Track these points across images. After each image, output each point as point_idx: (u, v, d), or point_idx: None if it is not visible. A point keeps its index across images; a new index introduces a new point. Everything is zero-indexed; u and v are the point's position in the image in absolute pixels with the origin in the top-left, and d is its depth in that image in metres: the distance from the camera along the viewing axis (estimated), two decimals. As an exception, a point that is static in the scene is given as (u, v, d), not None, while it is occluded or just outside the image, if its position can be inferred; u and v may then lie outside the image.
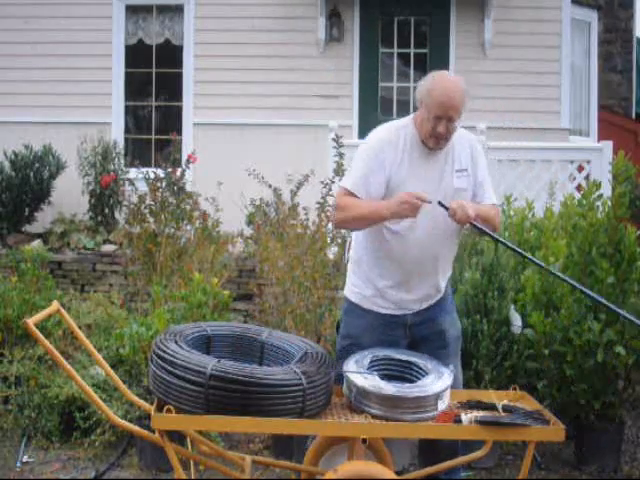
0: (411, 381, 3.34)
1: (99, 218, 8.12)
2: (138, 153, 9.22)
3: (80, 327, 4.82)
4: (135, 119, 9.54)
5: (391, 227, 3.44)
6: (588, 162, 7.81)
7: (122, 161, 8.42)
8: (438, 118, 3.35)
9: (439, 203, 3.36)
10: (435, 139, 3.40)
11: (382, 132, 3.52)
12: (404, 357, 3.45)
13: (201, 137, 9.00)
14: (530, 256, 3.73)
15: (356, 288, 3.62)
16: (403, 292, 3.53)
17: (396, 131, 3.49)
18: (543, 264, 3.72)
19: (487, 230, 3.47)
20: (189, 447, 3.70)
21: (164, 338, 3.25)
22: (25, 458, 4.71)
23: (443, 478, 3.60)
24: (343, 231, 6.20)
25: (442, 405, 3.21)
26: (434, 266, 3.53)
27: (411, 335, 3.58)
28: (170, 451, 3.14)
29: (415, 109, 3.55)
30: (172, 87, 9.30)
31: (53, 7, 9.15)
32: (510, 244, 3.76)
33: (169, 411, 3.04)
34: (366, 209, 3.38)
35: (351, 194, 3.42)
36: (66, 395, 4.81)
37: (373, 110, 9.15)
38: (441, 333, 3.59)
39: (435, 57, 9.17)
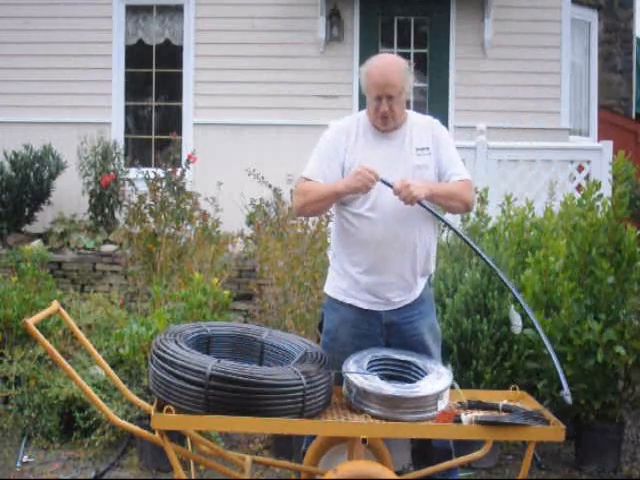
0: (410, 381, 3.34)
1: (99, 218, 8.13)
2: (138, 153, 9.22)
3: (80, 327, 4.82)
4: (135, 119, 9.54)
5: (353, 210, 3.49)
6: (588, 162, 7.81)
7: (122, 161, 8.43)
8: (378, 98, 3.45)
9: (382, 181, 3.37)
10: (381, 119, 3.49)
11: (336, 123, 3.68)
12: (403, 357, 3.45)
13: (201, 137, 9.00)
14: (475, 246, 3.69)
15: (332, 282, 3.65)
16: (375, 275, 3.50)
17: (349, 120, 3.65)
18: (484, 256, 3.66)
19: (434, 211, 3.47)
20: (189, 447, 3.70)
21: (164, 338, 3.25)
22: (25, 458, 4.71)
23: (439, 478, 3.59)
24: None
25: (442, 405, 3.21)
26: (403, 248, 3.48)
27: (388, 336, 3.56)
28: (170, 451, 3.14)
29: (416, 109, 3.59)
30: (172, 87, 9.30)
31: (53, 7, 9.14)
32: (459, 231, 3.76)
33: (169, 411, 3.04)
34: (323, 188, 3.47)
35: (309, 181, 3.51)
36: (66, 395, 4.81)
37: (373, 110, 9.15)
38: (419, 337, 3.56)
39: (435, 57, 9.17)
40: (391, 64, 3.48)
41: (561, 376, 3.28)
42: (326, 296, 3.70)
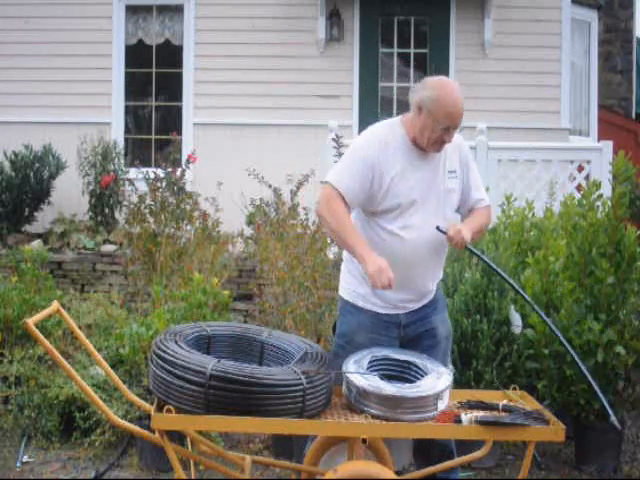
0: (410, 381, 3.33)
1: (99, 218, 8.13)
2: (138, 153, 9.23)
3: (80, 327, 4.82)
4: (135, 119, 9.54)
5: (385, 225, 3.45)
6: (588, 162, 7.81)
7: (122, 161, 8.43)
8: (447, 128, 3.36)
9: (437, 228, 3.42)
10: (438, 146, 3.42)
11: (372, 133, 3.52)
12: (403, 357, 3.45)
13: (201, 137, 9.00)
14: (510, 280, 3.76)
15: (350, 286, 3.62)
16: (397, 292, 3.50)
17: (387, 132, 3.49)
18: (521, 291, 3.78)
19: (479, 254, 3.58)
20: (189, 447, 3.70)
21: (164, 338, 3.25)
22: (25, 458, 4.71)
23: (440, 477, 3.59)
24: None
25: (442, 405, 3.21)
26: (427, 266, 3.53)
27: (404, 334, 3.58)
28: (170, 451, 3.14)
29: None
30: (172, 87, 9.30)
31: (53, 7, 9.15)
32: (495, 266, 3.80)
33: (169, 411, 3.04)
34: (348, 233, 3.36)
35: (336, 190, 3.40)
36: (66, 395, 4.81)
37: (373, 110, 9.15)
38: (432, 331, 3.59)
39: (435, 57, 9.17)
40: (460, 94, 3.38)
41: (605, 404, 3.30)
42: (341, 299, 3.67)
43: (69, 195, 8.47)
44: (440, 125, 3.34)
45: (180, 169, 6.96)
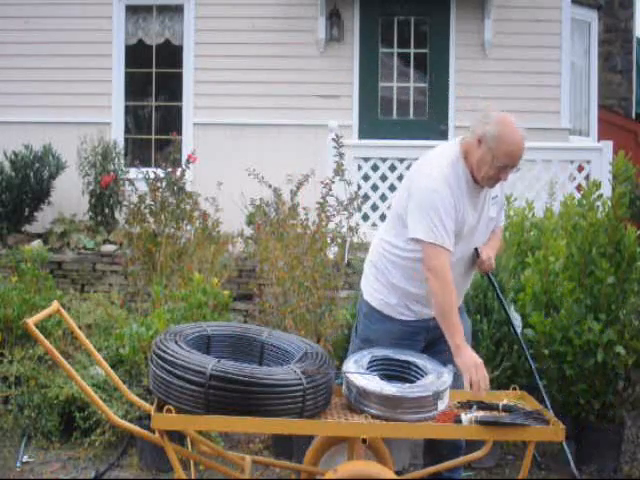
0: (410, 381, 3.34)
1: (99, 218, 8.12)
2: (138, 153, 9.23)
3: (80, 327, 4.82)
4: (135, 119, 9.54)
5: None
6: (588, 162, 7.81)
7: (122, 161, 8.43)
8: (504, 167, 3.35)
9: (475, 250, 3.52)
10: (493, 182, 3.42)
11: (442, 174, 3.37)
12: (403, 357, 3.45)
13: (201, 137, 9.00)
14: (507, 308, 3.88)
15: (379, 294, 3.59)
16: (429, 310, 3.53)
17: (453, 170, 3.40)
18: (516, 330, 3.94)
19: (496, 285, 3.76)
20: (189, 447, 3.70)
21: (164, 338, 3.25)
22: (25, 458, 4.71)
23: (446, 477, 3.60)
24: (343, 231, 6.21)
25: (442, 405, 3.21)
26: (461, 289, 3.58)
27: (431, 337, 3.61)
28: (170, 451, 3.14)
29: (416, 109, 3.55)
30: (172, 87, 9.30)
31: (53, 7, 9.15)
32: (502, 297, 3.94)
33: (169, 411, 3.04)
34: (453, 317, 3.31)
35: (443, 248, 3.31)
36: (66, 395, 4.81)
37: (373, 110, 9.16)
38: None
39: (435, 57, 9.17)
40: (524, 136, 3.38)
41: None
42: (368, 305, 3.63)
43: (69, 195, 8.47)
44: (498, 162, 3.32)
45: (180, 169, 6.95)
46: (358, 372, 3.25)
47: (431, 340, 3.61)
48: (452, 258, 3.44)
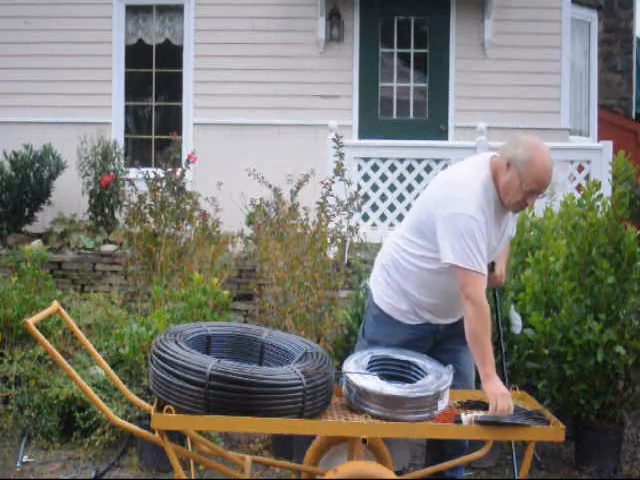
0: (410, 381, 3.34)
1: (99, 218, 8.12)
2: (138, 153, 9.22)
3: (80, 327, 4.81)
4: (135, 119, 9.54)
5: (447, 268, 3.39)
6: (588, 162, 7.81)
7: (122, 161, 8.42)
8: (531, 192, 3.34)
9: (492, 263, 3.58)
10: (519, 208, 3.44)
11: (480, 202, 3.35)
12: (403, 357, 3.45)
13: (201, 137, 9.00)
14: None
15: (389, 299, 3.59)
16: (440, 318, 3.56)
17: (485, 195, 3.38)
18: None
19: (498, 301, 3.89)
20: (189, 447, 3.70)
21: (164, 338, 3.25)
22: (25, 458, 4.71)
23: (447, 476, 3.61)
24: (343, 231, 6.21)
25: (442, 405, 3.21)
26: None
27: (440, 337, 3.62)
28: (170, 451, 3.15)
29: (416, 109, 3.55)
30: (172, 87, 9.30)
31: (53, 7, 9.15)
32: (500, 314, 4.04)
33: (169, 411, 3.04)
34: (487, 348, 3.30)
35: (480, 274, 3.31)
36: (66, 395, 4.81)
37: (373, 110, 9.16)
38: (464, 329, 3.61)
39: (435, 57, 9.17)
40: (552, 164, 3.36)
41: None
42: (377, 308, 3.63)
43: (69, 195, 8.46)
44: (526, 187, 3.32)
45: (180, 169, 6.95)
46: (358, 372, 3.25)
47: (439, 340, 3.62)
48: None
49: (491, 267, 3.57)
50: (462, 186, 3.38)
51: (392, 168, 7.84)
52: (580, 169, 7.86)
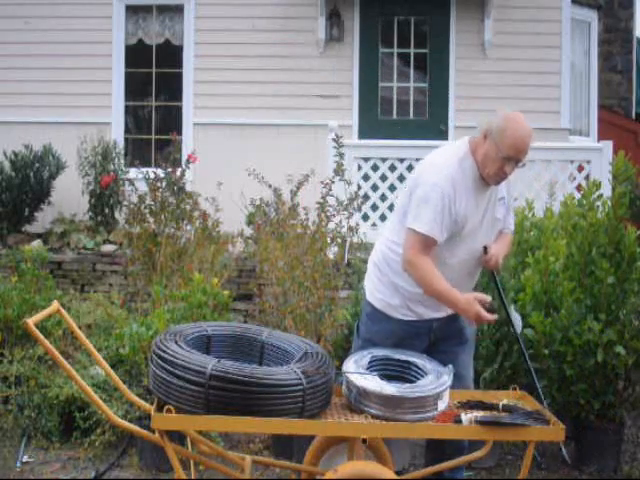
0: (410, 381, 3.34)
1: (99, 218, 8.12)
2: (138, 153, 9.22)
3: (80, 327, 4.82)
4: (135, 119, 9.54)
5: (435, 254, 3.41)
6: (588, 162, 7.81)
7: (122, 161, 8.42)
8: (508, 159, 3.37)
9: (484, 248, 3.51)
10: (498, 178, 3.44)
11: (448, 170, 3.42)
12: (403, 357, 3.45)
13: (201, 137, 9.00)
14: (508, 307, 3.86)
15: (381, 295, 3.60)
16: (432, 311, 3.55)
17: (460, 166, 3.44)
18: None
19: (499, 284, 3.74)
20: (189, 447, 3.70)
21: (164, 338, 3.25)
22: (25, 458, 4.71)
23: (447, 477, 3.60)
24: (343, 231, 6.21)
25: (442, 405, 3.21)
26: (463, 288, 3.56)
27: (434, 337, 3.62)
28: (170, 451, 3.15)
29: (416, 109, 3.56)
30: (172, 87, 9.30)
31: (53, 7, 9.15)
32: (503, 296, 3.89)
33: (169, 411, 3.04)
34: (442, 287, 3.36)
35: (427, 238, 3.35)
36: (66, 395, 4.81)
37: (373, 110, 9.16)
38: (461, 330, 3.64)
39: (435, 57, 9.17)
40: (529, 130, 3.39)
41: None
42: (370, 305, 3.65)
43: (69, 195, 8.46)
44: (502, 154, 3.34)
45: (180, 169, 6.95)
46: (358, 372, 3.25)
47: (434, 340, 3.61)
48: (454, 259, 3.46)
49: (484, 250, 3.52)
50: (437, 158, 3.49)
51: (392, 168, 7.84)
52: (580, 169, 7.86)
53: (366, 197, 7.63)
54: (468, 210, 3.42)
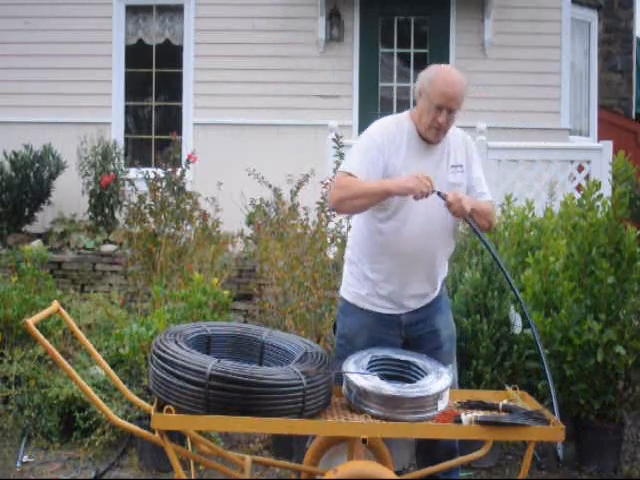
0: (410, 381, 3.33)
1: (99, 218, 8.13)
2: (138, 153, 9.22)
3: (80, 327, 4.82)
4: (135, 119, 9.54)
5: (384, 220, 3.46)
6: (588, 162, 7.81)
7: (122, 161, 8.43)
8: (439, 108, 3.38)
9: (438, 193, 3.37)
10: (435, 130, 3.43)
11: (381, 123, 3.58)
12: (403, 357, 3.45)
13: (201, 137, 9.00)
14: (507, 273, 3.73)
15: (352, 287, 3.62)
16: (395, 285, 3.51)
17: (395, 124, 3.54)
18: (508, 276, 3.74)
19: (478, 230, 3.51)
20: (189, 447, 3.69)
21: (164, 338, 3.25)
22: (25, 458, 4.71)
23: (442, 478, 3.59)
24: (343, 231, 6.20)
25: (442, 405, 3.21)
26: (429, 261, 3.53)
27: (406, 335, 3.59)
28: (170, 451, 3.14)
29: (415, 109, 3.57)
30: (172, 87, 9.30)
31: (53, 7, 9.15)
32: (494, 251, 3.74)
33: (169, 411, 3.04)
34: (371, 184, 3.37)
35: (349, 175, 3.42)
36: (66, 395, 4.81)
37: (373, 110, 9.15)
38: (435, 332, 3.60)
39: (435, 57, 9.15)
40: (458, 78, 3.43)
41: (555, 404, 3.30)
42: (343, 300, 3.68)
43: (69, 195, 8.47)
44: (433, 103, 3.38)
45: (180, 169, 6.95)
46: (358, 372, 3.25)
47: (408, 339, 3.58)
48: (409, 226, 3.44)
49: (441, 197, 3.38)
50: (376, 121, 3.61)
51: (392, 168, 7.83)
52: (580, 169, 7.86)
53: (366, 197, 7.61)
54: (406, 166, 3.42)
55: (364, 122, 9.02)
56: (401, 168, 3.42)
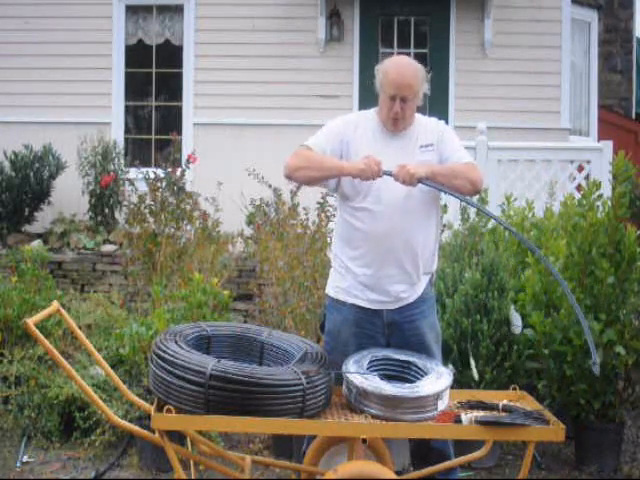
0: (410, 381, 3.34)
1: (99, 218, 8.13)
2: (138, 153, 9.22)
3: (80, 327, 4.82)
4: (135, 119, 9.54)
5: (356, 204, 3.50)
6: (588, 162, 7.81)
7: (122, 161, 8.43)
8: (392, 98, 3.50)
9: (384, 172, 3.40)
10: (393, 120, 3.53)
11: (347, 115, 3.79)
12: (403, 357, 3.45)
13: (201, 137, 9.00)
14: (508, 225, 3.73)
15: (334, 282, 3.64)
16: (375, 268, 3.50)
17: (359, 115, 3.78)
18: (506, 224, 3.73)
19: (438, 186, 3.44)
20: (189, 447, 3.70)
21: (164, 338, 3.25)
22: (25, 458, 4.71)
23: (441, 478, 3.59)
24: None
25: (442, 405, 3.21)
26: (405, 241, 3.48)
27: (389, 335, 3.57)
28: (170, 451, 3.15)
29: (416, 108, 3.60)
30: (172, 87, 9.30)
31: (53, 7, 9.15)
32: (469, 200, 3.76)
33: (169, 411, 3.04)
34: (327, 160, 3.50)
35: (305, 147, 3.56)
36: (66, 395, 4.81)
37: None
38: (419, 337, 3.57)
39: (435, 57, 9.17)
40: (409, 66, 3.56)
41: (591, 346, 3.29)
42: (327, 296, 3.70)
43: (69, 195, 8.47)
44: (387, 94, 3.53)
45: (180, 169, 6.94)
46: (358, 372, 3.25)
47: (394, 343, 3.57)
48: (378, 206, 3.46)
49: (389, 174, 3.38)
50: None
51: (392, 168, 7.83)
52: (580, 169, 7.86)
53: (366, 197, 7.61)
54: (370, 151, 3.46)
55: (364, 122, 9.02)
56: (364, 149, 3.50)
